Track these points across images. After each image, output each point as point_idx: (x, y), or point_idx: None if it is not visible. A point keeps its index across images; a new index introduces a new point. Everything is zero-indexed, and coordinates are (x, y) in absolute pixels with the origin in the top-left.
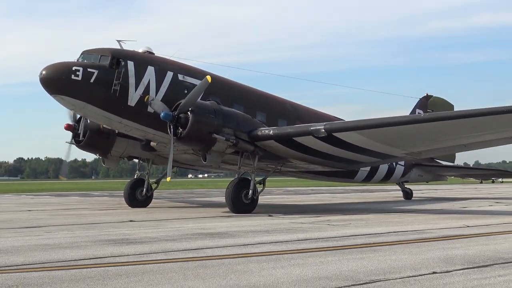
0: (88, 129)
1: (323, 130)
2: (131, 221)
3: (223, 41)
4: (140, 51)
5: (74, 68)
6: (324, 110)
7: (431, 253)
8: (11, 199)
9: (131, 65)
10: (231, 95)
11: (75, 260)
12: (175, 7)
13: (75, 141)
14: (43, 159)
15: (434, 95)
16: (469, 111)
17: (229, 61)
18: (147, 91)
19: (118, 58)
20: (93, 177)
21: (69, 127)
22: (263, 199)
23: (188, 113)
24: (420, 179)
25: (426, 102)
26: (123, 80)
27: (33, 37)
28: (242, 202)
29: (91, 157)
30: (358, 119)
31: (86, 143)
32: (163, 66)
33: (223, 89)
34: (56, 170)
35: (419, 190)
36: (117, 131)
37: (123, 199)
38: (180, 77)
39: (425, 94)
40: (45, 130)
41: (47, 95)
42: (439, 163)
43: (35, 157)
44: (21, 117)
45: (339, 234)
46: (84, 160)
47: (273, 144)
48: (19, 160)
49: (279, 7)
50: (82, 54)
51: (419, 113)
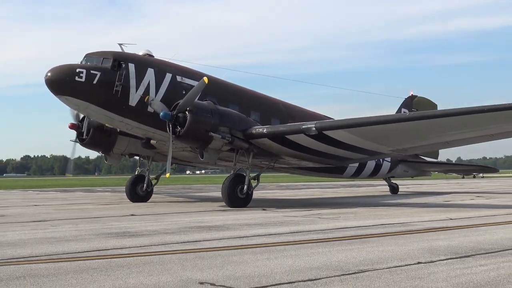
0: (91, 128)
1: (314, 129)
2: (132, 215)
3: (219, 44)
4: (141, 53)
5: (78, 70)
6: (315, 110)
7: (416, 244)
8: (18, 195)
9: (132, 67)
10: (227, 95)
11: (79, 252)
12: (174, 12)
13: (79, 140)
14: (48, 156)
15: (418, 95)
16: (451, 110)
17: (224, 63)
18: (147, 91)
19: (119, 60)
20: (96, 174)
21: (73, 126)
22: (257, 194)
23: (186, 113)
24: (405, 174)
25: (411, 102)
26: (124, 82)
27: (38, 40)
28: (238, 196)
29: (94, 154)
30: (347, 118)
31: (89, 141)
32: (162, 68)
33: (219, 90)
34: (61, 167)
35: (405, 185)
36: (118, 130)
37: (125, 194)
38: (179, 78)
39: (410, 94)
40: (50, 129)
41: (52, 95)
42: (423, 159)
43: (41, 155)
44: (27, 117)
45: (329, 227)
46: (87, 158)
47: (266, 142)
48: (26, 157)
49: (270, 13)
50: (85, 56)
51: (404, 112)
